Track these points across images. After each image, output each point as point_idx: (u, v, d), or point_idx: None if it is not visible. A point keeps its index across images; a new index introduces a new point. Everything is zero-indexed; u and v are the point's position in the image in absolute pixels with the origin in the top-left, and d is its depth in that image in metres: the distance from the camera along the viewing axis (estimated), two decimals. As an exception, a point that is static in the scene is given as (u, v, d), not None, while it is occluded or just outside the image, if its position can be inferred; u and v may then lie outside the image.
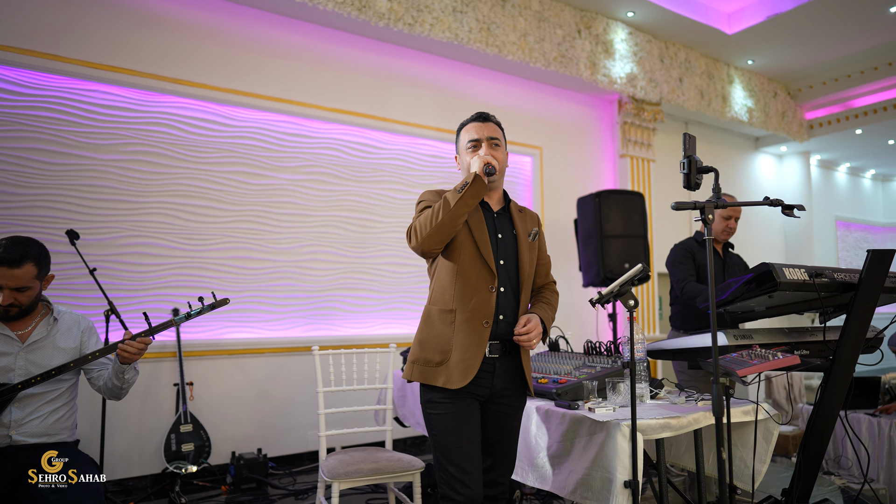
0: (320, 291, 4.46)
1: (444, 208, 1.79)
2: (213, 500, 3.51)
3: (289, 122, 4.45)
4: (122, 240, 3.78)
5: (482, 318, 1.85)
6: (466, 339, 1.83)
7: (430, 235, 1.81)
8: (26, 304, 2.04)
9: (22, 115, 3.54)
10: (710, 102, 6.46)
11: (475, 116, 2.02)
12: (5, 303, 1.97)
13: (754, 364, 1.82)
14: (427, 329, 1.91)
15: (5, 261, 1.97)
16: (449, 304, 1.88)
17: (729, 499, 1.85)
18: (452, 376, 1.82)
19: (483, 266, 1.88)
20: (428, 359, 1.87)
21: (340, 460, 2.46)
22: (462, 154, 2.01)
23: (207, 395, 3.93)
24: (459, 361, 1.82)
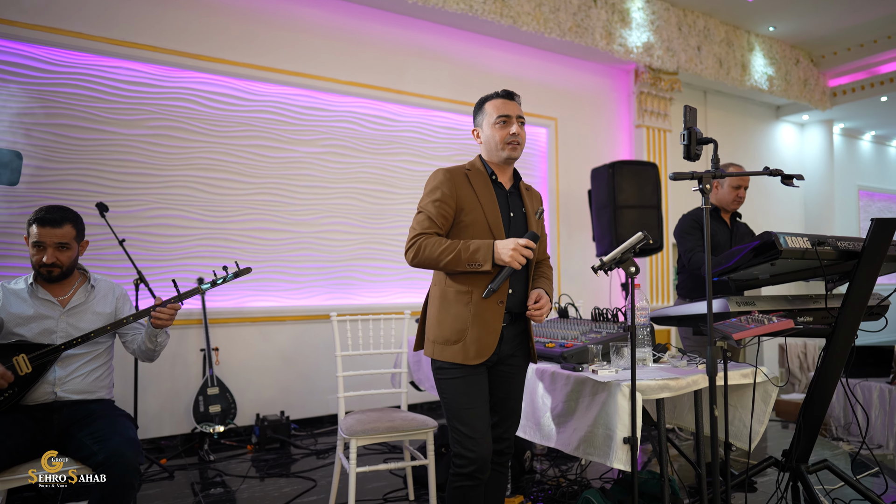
0: (338, 261, 4.59)
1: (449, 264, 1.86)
2: (240, 458, 3.71)
3: (306, 96, 4.53)
4: (148, 212, 3.93)
5: (497, 297, 1.92)
6: (483, 319, 1.90)
7: (426, 266, 1.93)
8: (66, 265, 2.19)
9: (52, 91, 3.68)
10: (729, 71, 6.38)
11: (501, 93, 2.04)
12: (49, 261, 2.13)
13: (750, 328, 1.90)
14: (444, 308, 1.96)
15: (48, 220, 2.14)
16: (465, 285, 1.93)
17: (725, 454, 1.95)
18: (469, 353, 1.90)
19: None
20: (447, 337, 1.94)
21: (358, 419, 2.61)
22: (486, 128, 2.02)
23: (233, 361, 4.12)
24: (476, 340, 1.90)
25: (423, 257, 1.89)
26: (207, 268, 3.97)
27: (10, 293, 2.18)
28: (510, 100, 2.03)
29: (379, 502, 2.94)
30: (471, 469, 1.86)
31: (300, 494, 3.06)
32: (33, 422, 2.09)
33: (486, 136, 2.02)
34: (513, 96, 2.04)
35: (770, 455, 2.73)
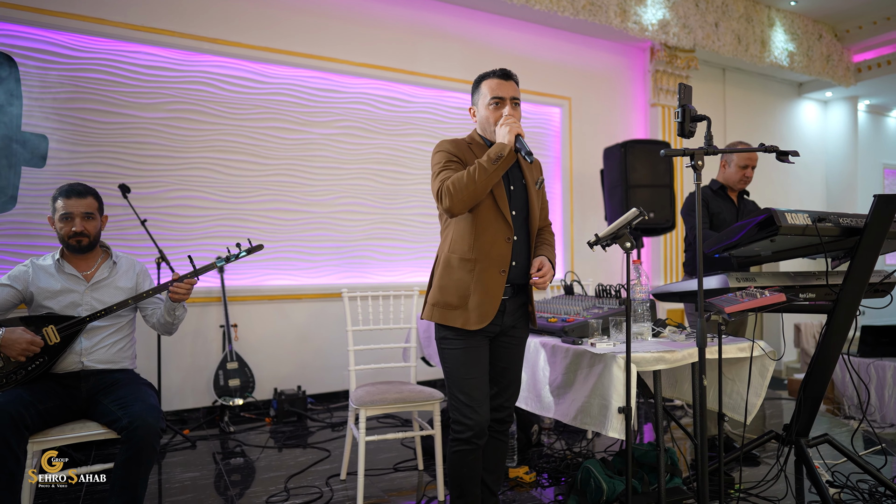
0: (353, 241, 4.69)
1: (479, 174, 1.87)
2: (259, 430, 3.87)
3: (321, 78, 4.60)
4: (168, 193, 4.06)
5: (500, 266, 1.99)
6: (485, 286, 1.97)
7: (465, 199, 1.89)
8: (93, 235, 2.35)
9: (75, 77, 3.80)
10: (748, 47, 6.28)
11: (498, 73, 2.06)
12: (78, 229, 2.29)
13: (743, 302, 1.94)
14: (447, 275, 2.04)
15: (74, 192, 2.32)
16: (468, 254, 1.99)
17: (718, 425, 2.01)
18: (470, 319, 1.97)
19: (500, 218, 2.00)
20: (447, 302, 2.01)
21: (368, 391, 2.72)
22: (481, 108, 2.07)
23: (251, 337, 4.27)
24: (477, 306, 1.97)
25: (457, 191, 1.89)
26: (225, 247, 4.08)
27: (38, 268, 2.31)
28: (505, 80, 2.05)
29: (389, 471, 3.06)
30: (468, 435, 1.95)
31: (314, 463, 3.20)
32: (63, 389, 2.23)
33: (481, 116, 2.08)
34: (508, 76, 2.06)
35: (772, 429, 2.78)
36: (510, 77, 2.06)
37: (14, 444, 1.96)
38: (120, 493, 2.07)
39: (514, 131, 1.90)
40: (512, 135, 1.90)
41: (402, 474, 3.02)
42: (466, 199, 1.90)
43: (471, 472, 2.00)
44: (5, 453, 1.94)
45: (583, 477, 2.38)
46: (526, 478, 2.85)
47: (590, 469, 2.36)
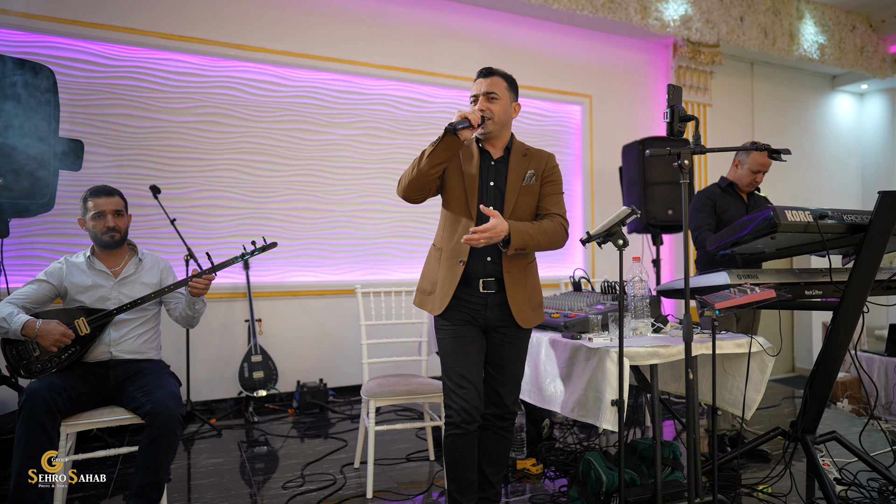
0: (374, 239, 4.82)
1: (419, 160, 2.03)
2: (282, 420, 4.03)
3: (342, 80, 4.73)
4: (196, 193, 4.26)
5: (459, 257, 2.11)
6: (445, 274, 2.13)
7: (408, 185, 2.05)
8: (123, 230, 2.52)
9: (110, 84, 4.02)
10: (775, 41, 6.16)
11: (479, 72, 2.18)
12: (111, 225, 2.46)
13: (734, 298, 1.97)
14: (427, 263, 2.25)
15: (104, 191, 2.51)
16: (439, 244, 2.20)
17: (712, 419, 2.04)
18: (435, 304, 2.14)
19: (465, 211, 2.11)
20: (423, 288, 2.22)
21: (378, 383, 2.83)
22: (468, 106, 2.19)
23: (276, 331, 4.43)
24: (439, 292, 2.13)
25: (404, 178, 2.08)
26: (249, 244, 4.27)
27: (71, 265, 2.49)
28: (484, 77, 2.16)
29: (402, 461, 3.17)
30: (458, 419, 2.04)
31: (331, 452, 3.33)
32: (93, 376, 2.40)
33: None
34: (488, 73, 2.15)
35: (778, 426, 2.79)
36: (491, 74, 2.16)
37: (48, 426, 2.13)
38: (143, 474, 2.22)
39: (460, 115, 1.98)
40: (457, 117, 1.98)
41: (414, 464, 3.13)
42: (410, 185, 2.06)
43: (462, 457, 2.08)
44: (39, 434, 2.11)
45: (583, 469, 2.44)
46: (533, 470, 2.92)
47: (590, 461, 2.42)
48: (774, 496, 2.60)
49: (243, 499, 2.71)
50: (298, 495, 2.72)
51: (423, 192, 2.08)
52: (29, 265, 3.73)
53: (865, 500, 2.54)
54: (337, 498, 2.68)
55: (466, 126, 1.96)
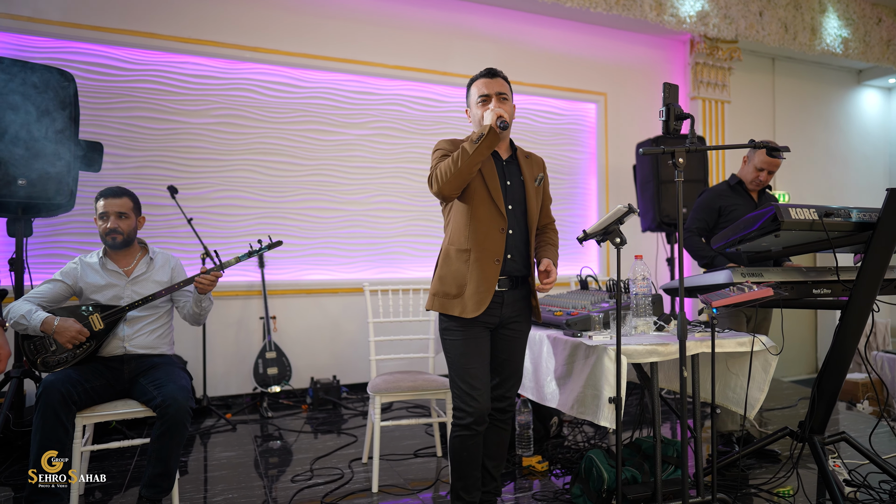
0: (387, 237, 4.87)
1: (462, 157, 2.00)
2: (296, 416, 4.10)
3: (356, 81, 4.79)
4: (213, 193, 4.35)
5: (493, 256, 2.10)
6: (479, 275, 2.09)
7: (450, 182, 2.03)
8: (126, 233, 2.57)
9: (129, 87, 4.14)
10: (796, 36, 6.05)
11: (484, 73, 2.19)
12: (112, 226, 2.52)
13: (732, 296, 1.96)
14: (446, 266, 2.17)
15: (109, 193, 2.57)
16: (464, 245, 2.13)
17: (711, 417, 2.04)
18: (467, 307, 2.09)
19: (494, 210, 2.11)
20: (446, 292, 2.14)
21: (385, 380, 2.87)
22: (472, 107, 2.20)
23: (290, 328, 4.51)
24: (473, 294, 2.09)
25: (443, 174, 2.04)
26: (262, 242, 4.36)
27: (85, 265, 2.58)
28: (491, 78, 2.16)
29: (410, 456, 3.21)
30: (468, 421, 2.06)
31: (341, 447, 3.39)
32: (108, 370, 2.48)
33: (473, 115, 2.20)
34: (494, 74, 2.17)
35: (786, 426, 2.76)
36: (496, 75, 2.17)
37: (63, 417, 2.22)
38: (155, 464, 2.30)
39: (496, 114, 2.01)
40: (493, 116, 2.00)
41: (421, 460, 3.16)
42: (452, 181, 2.02)
43: (470, 457, 2.11)
44: (55, 425, 2.20)
45: (586, 466, 2.45)
46: (538, 467, 2.93)
47: (592, 458, 2.43)
48: (782, 497, 2.57)
49: (254, 491, 2.78)
50: (306, 488, 2.78)
51: (462, 188, 2.08)
52: (51, 263, 3.86)
53: (875, 502, 2.50)
54: (343, 492, 2.73)
55: (507, 124, 2.02)
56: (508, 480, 2.84)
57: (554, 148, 5.52)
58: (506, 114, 2.06)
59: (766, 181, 3.03)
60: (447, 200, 2.18)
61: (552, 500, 2.60)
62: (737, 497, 2.57)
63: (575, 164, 5.63)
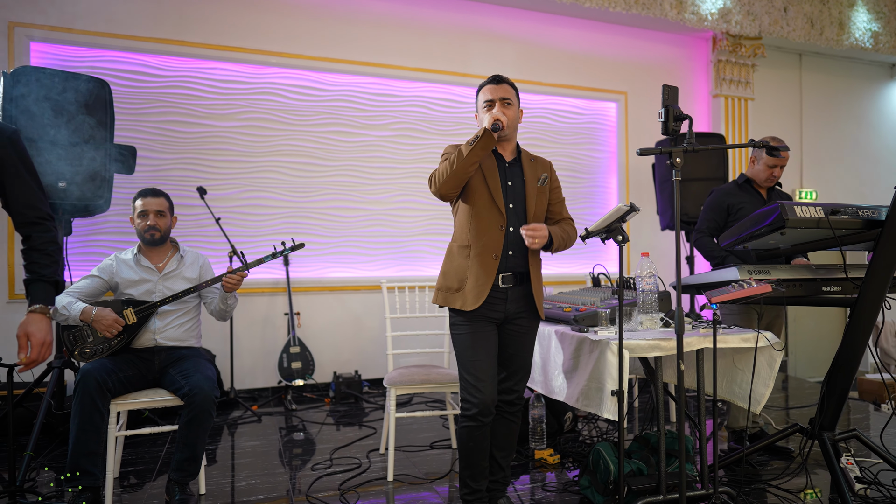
0: (408, 236, 4.98)
1: (458, 159, 2.12)
2: (318, 409, 4.24)
3: (377, 83, 4.92)
4: (240, 194, 4.53)
5: (492, 252, 2.20)
6: (478, 270, 2.19)
7: (446, 181, 2.15)
8: (163, 230, 2.74)
9: (162, 93, 4.33)
10: (823, 31, 5.97)
11: (490, 79, 2.29)
12: (151, 223, 2.70)
13: (731, 292, 2.01)
14: (449, 262, 2.30)
15: (149, 193, 2.76)
16: (465, 241, 2.24)
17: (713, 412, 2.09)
18: (468, 300, 2.19)
19: (494, 209, 2.21)
20: (449, 286, 2.26)
21: (400, 373, 2.98)
22: (479, 112, 2.31)
23: (314, 324, 4.66)
24: (472, 288, 2.19)
25: (440, 175, 2.16)
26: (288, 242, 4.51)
27: (120, 262, 2.75)
28: (497, 84, 2.26)
29: (426, 448, 3.31)
30: (474, 412, 2.15)
31: (360, 438, 3.51)
32: (140, 361, 2.65)
33: (480, 120, 2.29)
34: (500, 81, 2.26)
35: (796, 422, 2.78)
36: (502, 81, 2.27)
37: (99, 403, 2.38)
38: (182, 449, 2.45)
39: (493, 117, 2.11)
40: (490, 119, 2.10)
41: (437, 452, 3.26)
42: (448, 182, 2.14)
43: (477, 447, 2.20)
44: (92, 410, 2.36)
45: (594, 458, 2.52)
46: (550, 459, 3.01)
47: (600, 451, 2.49)
48: (790, 492, 2.60)
49: (276, 477, 2.91)
50: (325, 476, 2.91)
51: (459, 188, 2.18)
52: (89, 260, 4.08)
53: (885, 499, 2.51)
54: (360, 480, 2.85)
55: (501, 127, 2.12)
56: (521, 472, 2.92)
57: (574, 147, 5.56)
58: (503, 118, 2.14)
59: (778, 175, 3.05)
60: (445, 200, 2.26)
61: (562, 492, 2.68)
62: (744, 491, 2.61)
63: (595, 163, 5.66)
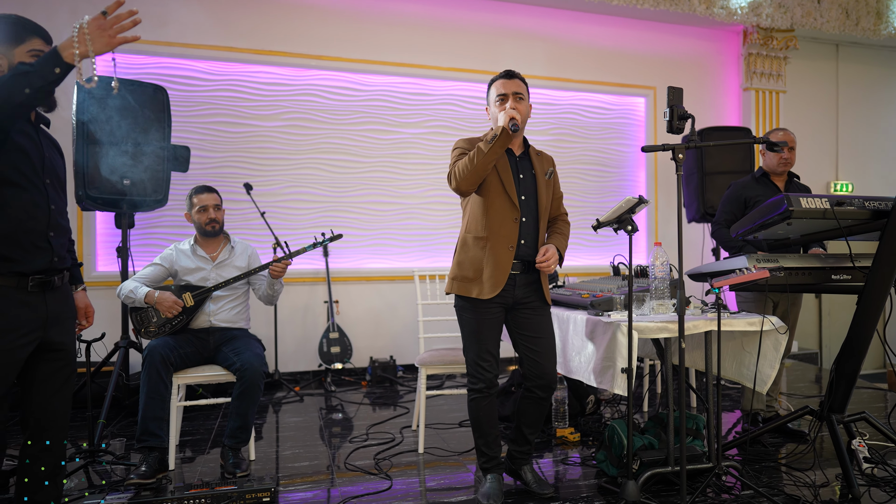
0: (441, 229, 5.21)
1: (477, 156, 2.26)
2: (355, 391, 4.52)
3: (411, 83, 5.15)
4: (284, 189, 4.83)
5: (508, 243, 2.37)
6: (495, 260, 2.35)
7: (467, 178, 2.29)
8: (221, 222, 3.06)
9: (211, 96, 4.67)
10: (859, 21, 5.92)
11: (502, 74, 2.42)
12: (213, 216, 3.01)
13: (731, 277, 2.16)
14: (464, 252, 2.44)
15: (206, 189, 3.07)
16: (481, 233, 2.38)
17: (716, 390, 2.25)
18: (484, 289, 2.36)
19: (508, 201, 2.38)
20: (465, 276, 2.41)
21: (430, 354, 3.21)
22: (491, 106, 2.45)
23: (351, 312, 4.94)
24: (490, 277, 2.35)
25: (460, 172, 2.29)
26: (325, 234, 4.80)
27: (179, 251, 3.06)
28: (509, 79, 2.40)
29: (454, 426, 3.55)
30: (480, 386, 2.38)
31: (394, 417, 3.77)
32: (197, 340, 2.95)
33: (491, 113, 2.45)
34: (512, 76, 2.41)
35: (807, 405, 2.90)
36: (513, 76, 2.42)
37: (163, 375, 2.69)
38: (235, 419, 2.75)
39: (509, 115, 2.24)
40: (506, 118, 2.24)
41: (464, 429, 3.49)
42: (468, 178, 2.28)
43: (486, 415, 2.41)
44: (157, 382, 2.67)
45: (609, 434, 2.70)
46: (571, 437, 3.20)
47: (615, 427, 2.67)
48: (799, 470, 2.73)
49: (317, 449, 3.19)
50: (361, 448, 3.17)
51: (477, 184, 2.33)
52: (149, 251, 4.45)
53: (890, 477, 2.61)
54: (393, 452, 3.10)
55: (519, 127, 2.27)
56: (543, 448, 3.13)
57: (602, 142, 5.69)
58: (518, 116, 2.28)
59: (791, 158, 3.13)
60: (464, 195, 2.42)
61: (580, 465, 2.87)
62: (754, 469, 2.75)
63: (623, 158, 5.77)
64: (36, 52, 1.75)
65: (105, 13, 1.55)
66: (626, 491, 2.27)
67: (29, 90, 1.55)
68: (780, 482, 2.60)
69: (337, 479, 2.74)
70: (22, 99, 1.56)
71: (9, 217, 1.70)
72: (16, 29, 1.75)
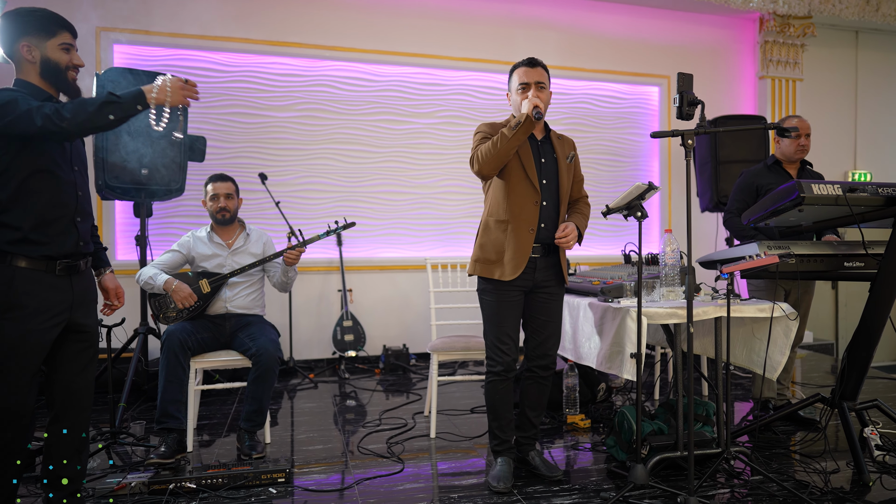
0: (454, 218, 5.24)
1: (500, 141, 2.29)
2: (369, 378, 4.58)
3: (424, 73, 5.17)
4: (298, 179, 4.89)
5: (529, 226, 2.40)
6: (516, 243, 2.40)
7: (489, 162, 2.33)
8: (232, 210, 3.10)
9: (227, 87, 4.72)
10: (879, 7, 5.81)
11: (525, 62, 2.45)
12: (222, 205, 3.06)
13: (739, 263, 2.17)
14: (486, 235, 2.49)
15: (218, 178, 3.12)
16: (503, 216, 2.43)
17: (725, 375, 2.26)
18: (506, 271, 2.40)
19: (529, 185, 2.41)
20: (487, 258, 2.46)
21: (442, 342, 3.25)
22: (513, 93, 2.47)
23: (365, 301, 5.00)
24: (511, 259, 2.39)
25: (483, 156, 2.34)
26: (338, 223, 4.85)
27: (196, 239, 3.12)
28: (532, 67, 2.42)
29: (466, 412, 3.59)
30: (499, 369, 2.41)
31: (406, 403, 3.82)
32: (213, 325, 3.02)
33: (513, 100, 2.48)
34: (534, 64, 2.43)
35: (818, 392, 2.90)
36: (536, 64, 2.44)
37: (182, 359, 2.76)
38: (251, 402, 2.81)
39: (533, 103, 2.28)
40: (530, 105, 2.27)
41: (476, 415, 3.53)
42: (491, 162, 2.32)
43: (502, 399, 2.45)
44: (176, 365, 2.74)
45: (618, 420, 2.72)
46: (581, 423, 3.23)
47: (625, 413, 2.69)
48: (810, 457, 2.73)
49: (331, 433, 3.25)
50: (374, 433, 3.23)
51: (499, 168, 2.37)
52: (166, 238, 4.52)
53: (903, 465, 2.61)
54: (405, 437, 3.15)
55: (542, 115, 2.30)
56: (554, 434, 3.16)
57: (615, 132, 5.66)
58: (542, 104, 2.33)
59: (806, 145, 3.12)
60: (486, 179, 2.48)
61: (590, 451, 2.90)
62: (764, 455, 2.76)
63: (637, 148, 5.75)
64: (66, 46, 1.88)
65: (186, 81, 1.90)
66: (634, 474, 2.29)
67: (112, 117, 1.77)
68: (790, 468, 2.61)
69: (350, 462, 2.80)
70: (104, 123, 1.77)
71: (42, 203, 1.79)
72: (48, 23, 1.87)
